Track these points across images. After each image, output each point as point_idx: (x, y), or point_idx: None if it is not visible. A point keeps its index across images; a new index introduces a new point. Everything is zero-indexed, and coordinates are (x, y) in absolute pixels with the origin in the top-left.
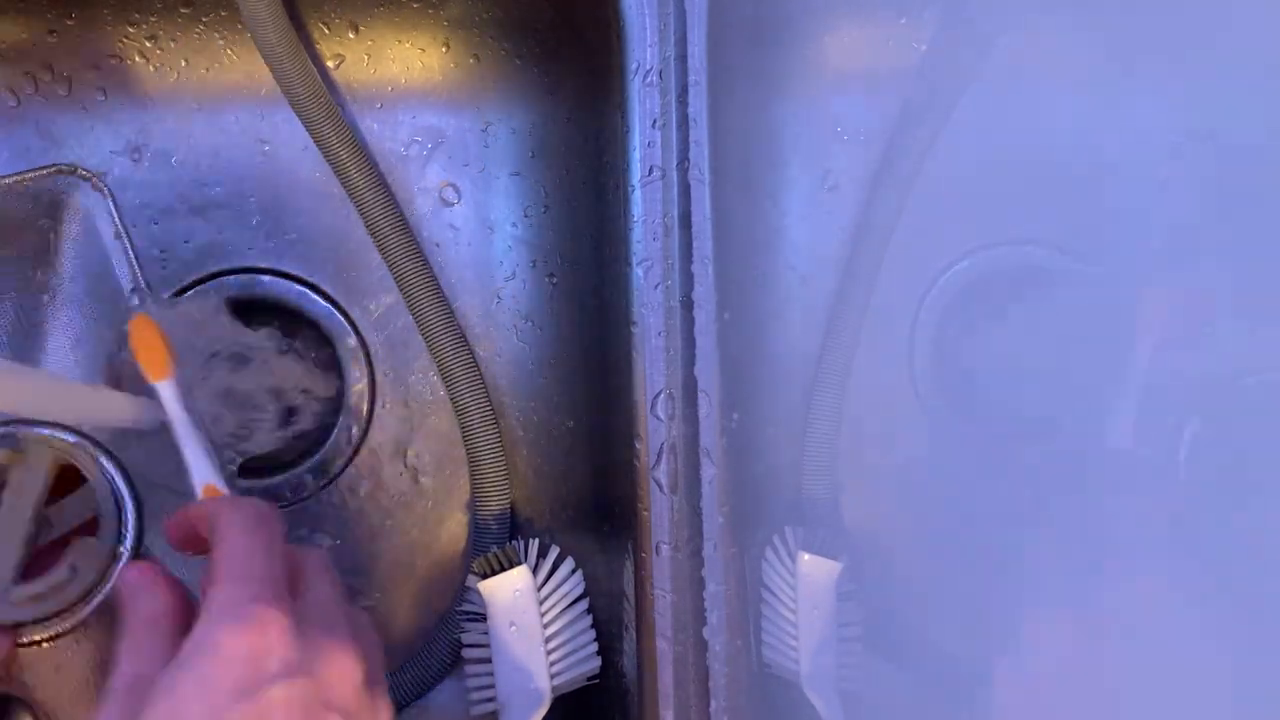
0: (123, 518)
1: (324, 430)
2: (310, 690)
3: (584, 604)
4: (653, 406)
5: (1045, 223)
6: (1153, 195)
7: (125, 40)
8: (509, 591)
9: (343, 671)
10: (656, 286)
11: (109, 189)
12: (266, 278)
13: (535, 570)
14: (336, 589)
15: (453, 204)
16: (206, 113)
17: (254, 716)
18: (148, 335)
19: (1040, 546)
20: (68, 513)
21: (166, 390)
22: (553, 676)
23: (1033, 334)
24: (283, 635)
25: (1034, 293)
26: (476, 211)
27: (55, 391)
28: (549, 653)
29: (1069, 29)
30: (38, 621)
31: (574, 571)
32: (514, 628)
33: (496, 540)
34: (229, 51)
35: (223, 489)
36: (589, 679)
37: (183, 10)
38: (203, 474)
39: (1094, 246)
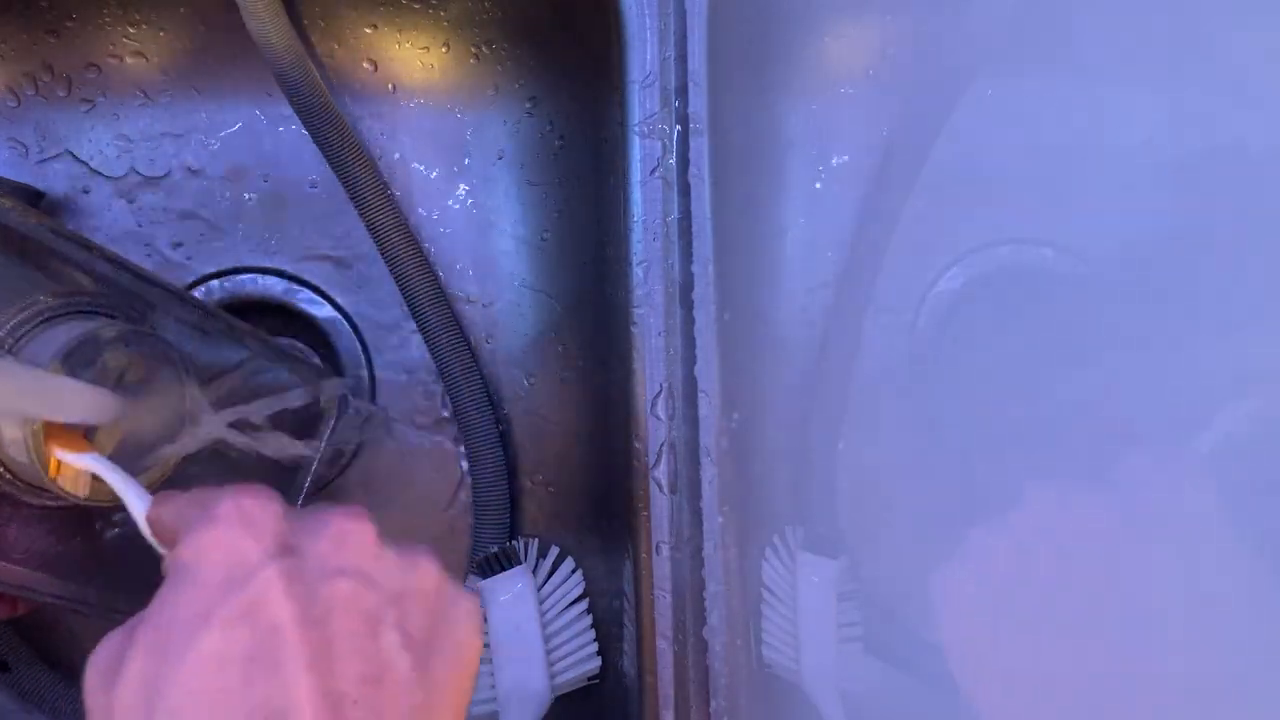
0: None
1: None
2: (308, 562)
3: (584, 604)
4: (653, 406)
5: (1045, 223)
6: (1154, 195)
7: (125, 40)
8: (509, 591)
9: (344, 534)
10: (656, 286)
11: None
12: (266, 278)
13: (535, 570)
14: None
15: (452, 203)
16: (206, 113)
17: (248, 604)
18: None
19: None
20: None
21: (94, 462)
22: (553, 676)
23: (1034, 333)
24: (268, 518)
25: (1035, 292)
26: (476, 211)
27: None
28: (549, 653)
29: (1070, 29)
30: None
31: (574, 571)
32: (514, 628)
33: (496, 540)
34: (229, 51)
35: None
36: (589, 679)
37: (182, 10)
38: (142, 506)
39: (1095, 246)
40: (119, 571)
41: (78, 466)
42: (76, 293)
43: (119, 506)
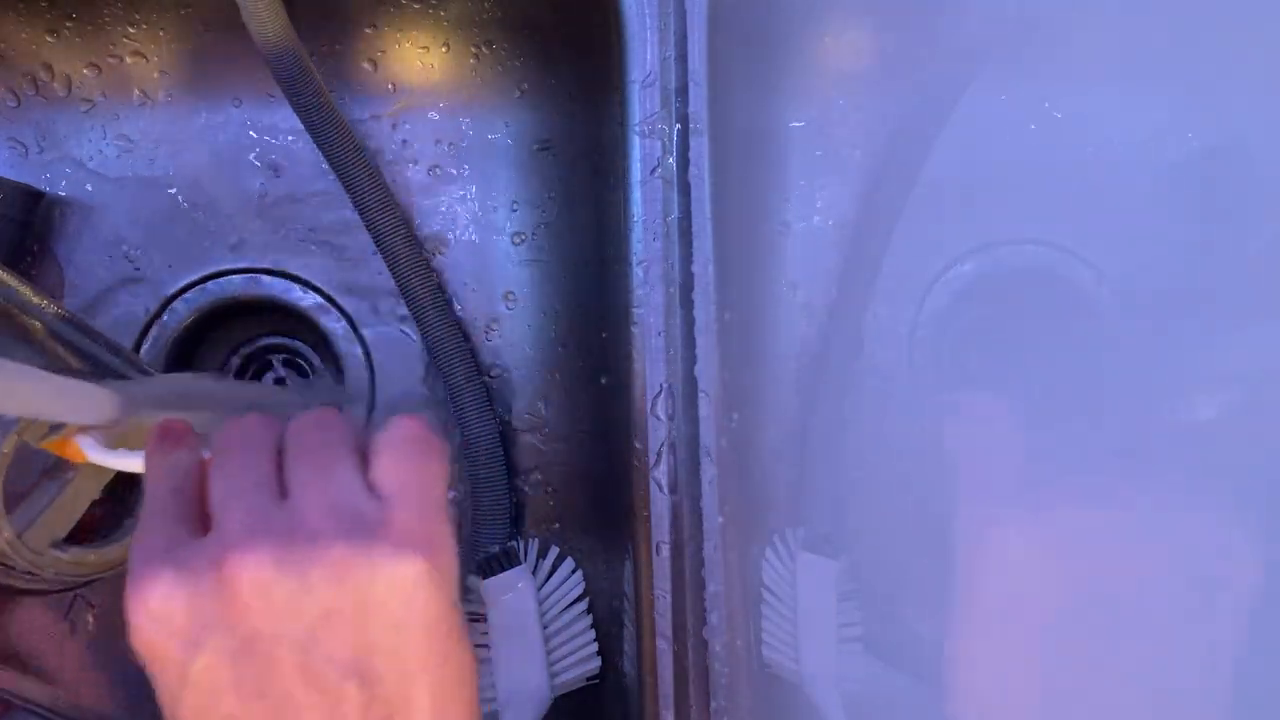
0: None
1: None
2: (220, 640)
3: (584, 604)
4: (653, 406)
5: (1046, 223)
6: (1155, 194)
7: (125, 40)
8: (509, 591)
9: (233, 594)
10: (656, 286)
11: None
12: (266, 278)
13: (535, 570)
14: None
15: (452, 203)
16: (206, 113)
17: (199, 706)
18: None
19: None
20: None
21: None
22: (553, 676)
23: (1034, 333)
24: (174, 610)
25: (1035, 292)
26: (476, 211)
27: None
28: (549, 653)
29: (1070, 28)
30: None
31: (574, 571)
32: (514, 628)
33: (496, 540)
34: (229, 51)
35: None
36: (589, 679)
37: (182, 10)
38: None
39: (1096, 245)
40: (88, 674)
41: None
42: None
43: (89, 589)
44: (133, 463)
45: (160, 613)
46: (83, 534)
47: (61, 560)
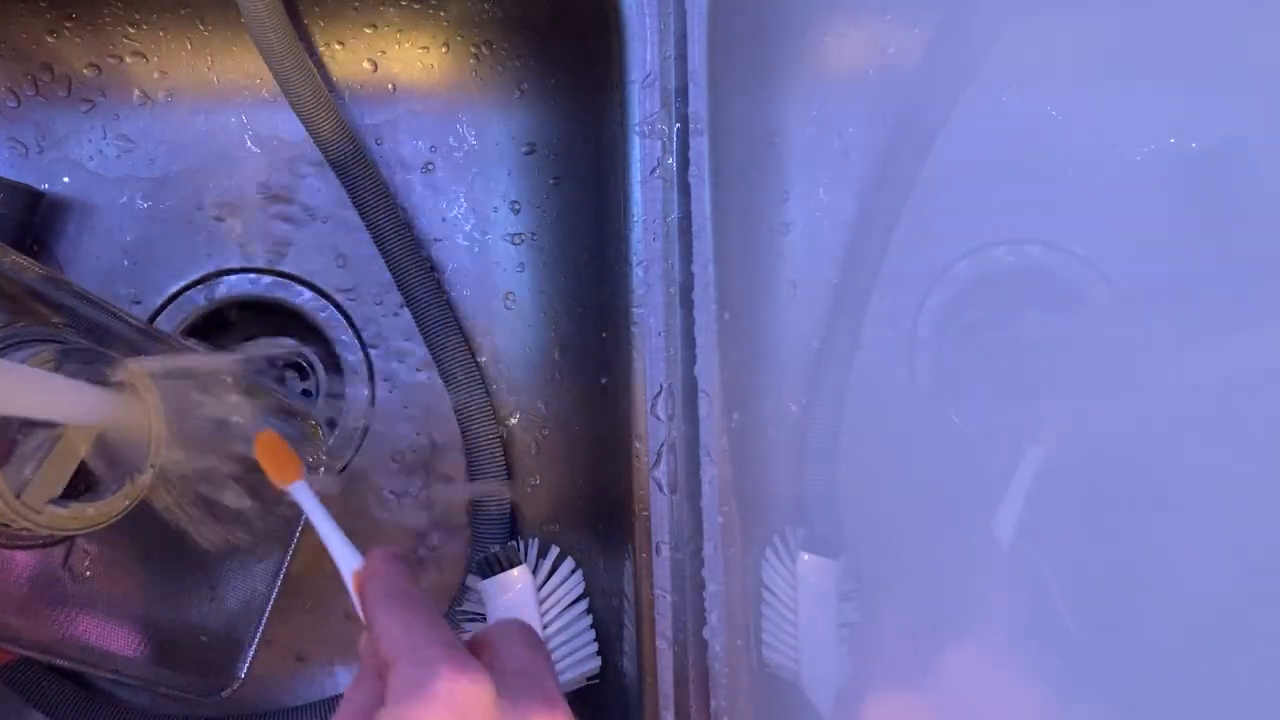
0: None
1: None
2: None
3: (584, 604)
4: (653, 406)
5: (1045, 222)
6: (1154, 193)
7: (125, 40)
8: (509, 591)
9: None
10: (656, 286)
11: None
12: (266, 278)
13: (535, 570)
14: (530, 650)
15: (452, 203)
16: (206, 113)
17: None
18: (273, 446)
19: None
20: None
21: (299, 490)
22: None
23: (1034, 333)
24: (479, 710)
25: (1035, 292)
26: (476, 210)
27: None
28: (549, 652)
29: (1070, 28)
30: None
31: (574, 571)
32: None
33: (496, 540)
34: (229, 51)
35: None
36: (589, 679)
37: (183, 10)
38: (349, 562)
39: (1095, 245)
40: (94, 621)
41: (292, 496)
42: (38, 323)
43: (85, 537)
44: (341, 552)
45: (469, 701)
46: (76, 487)
47: (60, 515)
